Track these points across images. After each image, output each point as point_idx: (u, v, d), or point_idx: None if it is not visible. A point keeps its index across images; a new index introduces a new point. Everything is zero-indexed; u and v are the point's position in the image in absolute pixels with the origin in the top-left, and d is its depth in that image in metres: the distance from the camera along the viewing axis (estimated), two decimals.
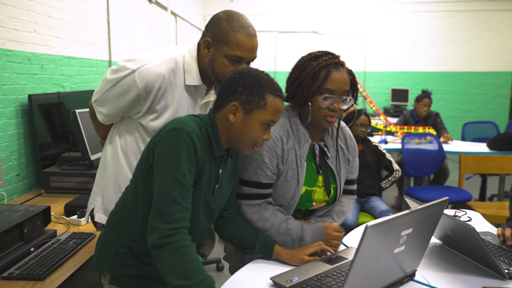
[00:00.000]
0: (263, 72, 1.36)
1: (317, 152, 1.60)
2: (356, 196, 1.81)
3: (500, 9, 8.54)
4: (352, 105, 1.56)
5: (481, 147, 4.37)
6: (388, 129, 4.45)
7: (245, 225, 1.54)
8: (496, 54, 8.61)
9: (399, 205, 4.80)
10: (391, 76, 8.78)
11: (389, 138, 4.55)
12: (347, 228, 1.88)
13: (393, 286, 1.30)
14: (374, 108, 4.39)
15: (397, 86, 8.59)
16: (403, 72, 8.77)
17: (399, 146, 4.17)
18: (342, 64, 1.51)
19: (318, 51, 1.56)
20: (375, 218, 3.11)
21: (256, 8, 8.57)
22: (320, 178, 1.61)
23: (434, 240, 1.70)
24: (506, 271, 1.39)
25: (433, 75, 8.77)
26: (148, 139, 1.62)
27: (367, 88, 8.67)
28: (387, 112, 8.19)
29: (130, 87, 1.55)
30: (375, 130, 4.68)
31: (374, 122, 4.51)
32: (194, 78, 1.60)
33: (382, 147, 3.54)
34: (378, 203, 3.23)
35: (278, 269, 1.44)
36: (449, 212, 2.01)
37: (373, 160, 3.34)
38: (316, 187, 1.61)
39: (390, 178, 3.43)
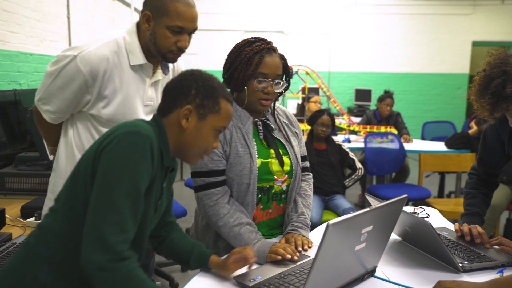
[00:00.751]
0: (212, 74, 1.31)
1: (260, 127, 1.66)
2: (311, 174, 1.85)
3: (457, 14, 8.87)
4: (286, 88, 1.64)
5: (440, 146, 4.52)
6: (352, 128, 4.53)
7: (180, 238, 1.43)
8: (454, 57, 8.93)
9: (362, 203, 4.89)
10: (355, 76, 8.95)
11: (352, 137, 4.63)
12: (311, 226, 1.90)
13: (354, 283, 1.32)
14: (337, 108, 4.47)
15: (361, 87, 8.77)
16: (367, 72, 8.96)
17: (362, 145, 4.26)
18: (274, 49, 1.61)
19: (252, 38, 1.62)
20: (339, 215, 3.16)
21: (222, 7, 8.55)
22: (272, 150, 1.66)
23: (394, 236, 1.74)
24: (461, 265, 1.44)
25: (395, 76, 9.00)
26: (104, 130, 1.55)
27: (332, 88, 8.79)
28: (351, 111, 8.34)
29: (74, 75, 1.52)
30: (339, 129, 4.75)
31: (338, 121, 4.57)
32: (138, 57, 1.59)
33: (346, 146, 3.60)
34: (342, 201, 3.28)
35: (242, 268, 1.43)
36: (408, 209, 2.06)
37: (336, 159, 3.40)
38: (271, 159, 1.64)
39: (353, 177, 3.49)
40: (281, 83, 1.61)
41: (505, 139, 1.72)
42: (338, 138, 4.30)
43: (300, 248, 1.50)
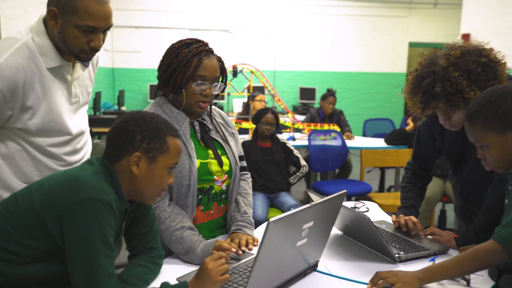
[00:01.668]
0: (153, 113, 1.30)
1: (197, 128, 1.66)
2: (249, 174, 1.87)
3: (394, 16, 9.28)
4: (223, 90, 1.65)
5: (380, 143, 4.69)
6: (296, 126, 4.62)
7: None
8: (392, 57, 9.33)
9: (307, 200, 4.99)
10: (300, 75, 9.12)
11: (297, 135, 4.72)
12: (257, 223, 1.92)
13: (297, 278, 1.35)
14: (282, 106, 4.53)
15: (305, 85, 8.95)
16: (311, 71, 9.15)
17: (306, 142, 4.35)
18: (212, 52, 1.61)
19: (188, 39, 1.61)
20: (284, 212, 3.20)
21: (166, 4, 8.41)
22: (210, 151, 1.66)
23: (335, 231, 1.80)
24: (397, 255, 1.51)
25: (338, 75, 9.27)
26: (35, 140, 1.50)
27: (277, 87, 8.90)
28: (296, 110, 8.49)
29: None
30: (284, 127, 4.82)
31: (282, 119, 4.64)
32: (53, 59, 1.47)
33: (290, 144, 3.66)
34: (287, 198, 3.34)
35: (184, 269, 1.42)
36: (349, 204, 2.13)
37: (281, 157, 3.45)
38: (209, 159, 1.64)
39: (297, 174, 3.55)
40: (219, 85, 1.61)
41: (436, 136, 1.82)
42: (283, 136, 4.36)
43: (244, 248, 1.51)
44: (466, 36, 6.46)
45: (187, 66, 1.54)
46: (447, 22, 9.18)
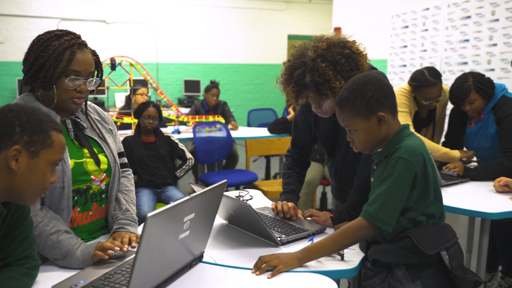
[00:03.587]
0: (33, 106, 1.19)
1: (70, 126, 1.56)
2: (130, 170, 1.81)
3: (273, 9, 9.64)
4: (99, 85, 1.57)
5: (264, 132, 4.85)
6: (180, 119, 4.57)
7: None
8: (272, 49, 9.69)
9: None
10: (183, 67, 9.01)
11: (182, 128, 4.67)
12: (144, 220, 1.86)
13: (183, 271, 1.34)
14: (165, 99, 4.44)
15: (189, 77, 8.88)
16: (195, 63, 9.10)
17: (191, 135, 4.33)
18: (85, 45, 1.52)
19: (58, 30, 1.51)
20: None
21: None
22: (85, 150, 1.57)
23: (220, 221, 1.82)
24: (279, 238, 1.58)
25: (222, 66, 9.36)
26: None
27: (161, 80, 8.72)
28: (181, 102, 8.40)
29: None
30: (168, 121, 4.74)
31: (166, 113, 4.56)
32: None
33: (175, 137, 3.61)
34: (174, 192, 3.30)
35: (61, 275, 1.32)
36: (234, 193, 2.17)
37: (166, 151, 3.39)
38: (85, 158, 1.56)
39: (184, 167, 3.53)
40: (94, 80, 1.52)
41: (311, 123, 1.93)
42: (168, 130, 4.29)
43: (126, 246, 1.45)
44: (338, 29, 6.95)
45: (58, 60, 1.43)
46: (321, 16, 9.79)
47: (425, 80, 2.61)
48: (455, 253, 1.39)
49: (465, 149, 2.79)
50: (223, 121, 4.75)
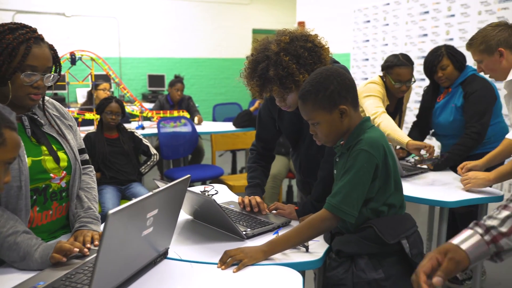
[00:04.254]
0: None
1: (27, 123, 1.51)
2: (92, 167, 1.78)
3: (237, 3, 9.61)
4: (57, 81, 1.53)
5: (229, 126, 4.84)
6: (144, 114, 4.49)
7: None
8: (237, 43, 9.66)
9: None
10: (147, 62, 8.86)
11: (146, 123, 4.60)
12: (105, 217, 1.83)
13: (147, 268, 1.32)
14: (128, 95, 4.36)
15: (154, 72, 8.75)
16: (159, 58, 8.96)
17: (156, 130, 4.27)
18: (42, 39, 1.47)
19: (12, 23, 1.45)
20: None
21: None
22: (43, 147, 1.52)
23: (186, 216, 1.81)
24: (244, 232, 1.58)
25: (186, 61, 9.26)
26: None
27: (124, 75, 8.54)
28: (145, 97, 8.27)
29: None
30: (132, 116, 4.66)
31: (130, 108, 4.47)
32: None
33: (139, 133, 3.55)
34: (139, 189, 3.25)
35: (19, 277, 1.28)
36: (200, 188, 2.16)
37: (130, 147, 3.33)
38: (43, 156, 1.51)
39: (149, 163, 3.48)
40: (52, 76, 1.48)
41: (276, 116, 1.94)
42: (132, 126, 4.21)
43: (88, 245, 1.42)
44: (301, 24, 7.00)
45: (13, 55, 1.38)
46: (285, 10, 9.83)
47: (397, 61, 2.73)
48: (415, 241, 1.44)
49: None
50: (188, 116, 4.70)
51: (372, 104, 2.69)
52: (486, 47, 2.11)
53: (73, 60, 3.77)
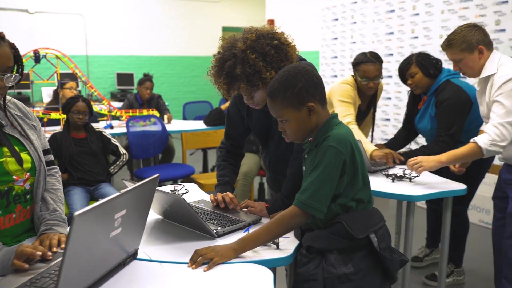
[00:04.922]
0: None
1: None
2: (57, 168, 1.74)
3: (207, 1, 9.54)
4: (18, 81, 1.48)
5: (200, 125, 4.81)
6: (113, 113, 4.41)
7: None
8: (207, 41, 9.60)
9: None
10: (116, 60, 8.70)
11: (114, 122, 4.52)
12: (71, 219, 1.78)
13: (117, 269, 1.30)
14: (96, 93, 4.27)
15: (122, 70, 8.60)
16: (127, 56, 8.82)
17: (125, 129, 4.20)
18: (2, 37, 1.43)
19: None
20: None
21: None
22: (5, 149, 1.48)
23: (156, 216, 1.79)
24: (215, 231, 1.57)
25: (156, 59, 9.14)
26: None
27: (92, 73, 8.37)
28: (114, 96, 8.12)
29: None
30: (100, 115, 4.57)
31: (98, 107, 4.39)
32: None
33: (108, 132, 3.48)
34: (108, 189, 3.19)
35: None
36: (170, 187, 2.14)
37: (98, 147, 3.26)
38: (5, 158, 1.47)
39: (118, 163, 3.42)
40: (13, 76, 1.43)
41: (244, 114, 1.94)
42: (100, 125, 4.13)
43: (55, 249, 1.38)
44: (271, 21, 7.02)
45: None
46: (255, 8, 9.84)
47: (363, 58, 2.79)
48: (383, 235, 1.46)
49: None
50: (157, 114, 4.65)
51: (342, 111, 2.75)
52: (467, 45, 2.20)
53: (37, 58, 3.66)
